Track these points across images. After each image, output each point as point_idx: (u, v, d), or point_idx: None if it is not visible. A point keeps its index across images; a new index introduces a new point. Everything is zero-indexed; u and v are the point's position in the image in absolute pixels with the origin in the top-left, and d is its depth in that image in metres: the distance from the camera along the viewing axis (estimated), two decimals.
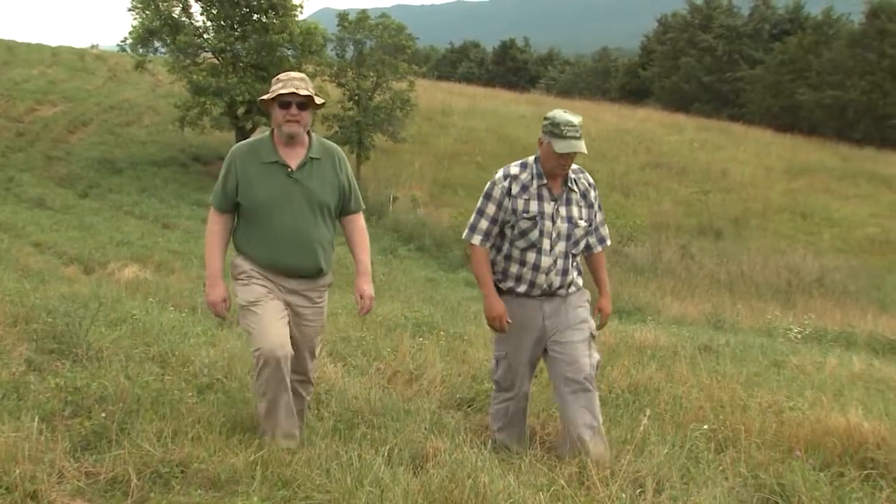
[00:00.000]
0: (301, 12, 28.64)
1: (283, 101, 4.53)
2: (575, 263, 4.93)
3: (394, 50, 30.41)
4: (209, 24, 28.13)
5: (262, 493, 3.87)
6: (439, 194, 28.72)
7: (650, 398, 5.95)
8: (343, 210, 4.82)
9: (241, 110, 27.46)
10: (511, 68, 74.09)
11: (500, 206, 4.81)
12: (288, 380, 4.50)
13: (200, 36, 28.09)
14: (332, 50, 31.24)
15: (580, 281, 4.98)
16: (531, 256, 4.77)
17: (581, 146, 4.66)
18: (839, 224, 31.50)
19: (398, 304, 10.42)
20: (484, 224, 4.86)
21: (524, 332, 4.87)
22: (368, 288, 4.75)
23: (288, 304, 4.64)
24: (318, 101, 4.60)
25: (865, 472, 4.68)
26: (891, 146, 46.14)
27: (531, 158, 4.87)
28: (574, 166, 4.84)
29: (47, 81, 38.31)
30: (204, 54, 28.22)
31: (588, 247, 5.03)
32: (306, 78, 4.65)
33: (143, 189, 24.85)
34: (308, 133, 4.70)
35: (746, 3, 62.40)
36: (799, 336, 11.36)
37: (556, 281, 4.80)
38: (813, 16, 59.09)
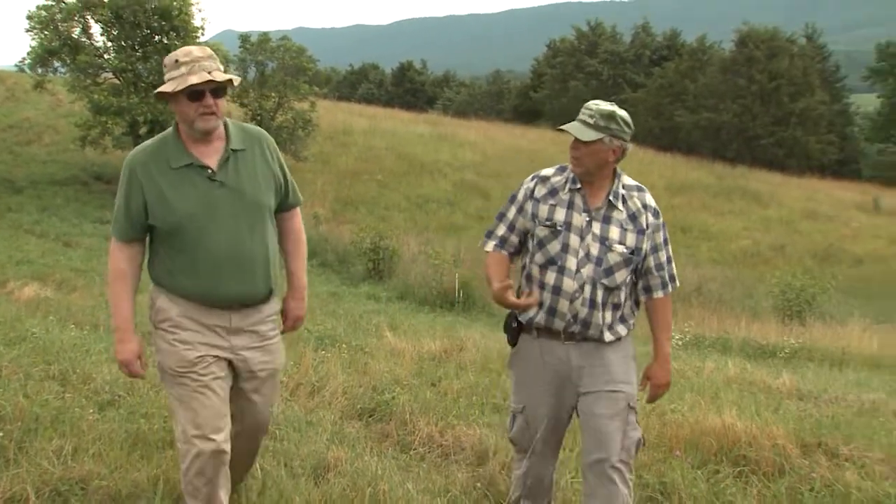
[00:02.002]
0: (202, 34, 28.22)
1: (195, 91, 3.33)
2: (613, 303, 3.76)
3: (295, 71, 30.39)
4: (110, 44, 27.50)
5: None
6: (341, 211, 28.55)
7: None
8: (279, 206, 3.68)
9: (143, 129, 26.85)
10: (409, 89, 74.29)
11: (521, 209, 3.85)
12: (227, 471, 3.55)
13: (101, 56, 27.42)
14: (234, 70, 30.55)
15: (623, 331, 3.80)
16: (551, 276, 3.71)
17: (576, 128, 3.70)
18: (715, 237, 32.32)
19: None
20: (501, 229, 3.91)
21: (543, 381, 3.81)
22: (299, 307, 3.82)
23: (232, 353, 3.53)
24: (235, 80, 3.50)
25: (738, 468, 4.81)
26: (760, 165, 47.64)
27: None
28: (632, 182, 3.87)
29: None
30: (105, 74, 27.52)
31: (647, 289, 3.86)
32: (213, 54, 3.46)
33: (43, 208, 24.11)
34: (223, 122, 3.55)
35: (628, 30, 63.75)
36: (679, 342, 11.48)
37: (584, 312, 3.67)
38: (688, 43, 60.66)
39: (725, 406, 5.82)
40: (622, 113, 3.69)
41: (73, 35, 27.18)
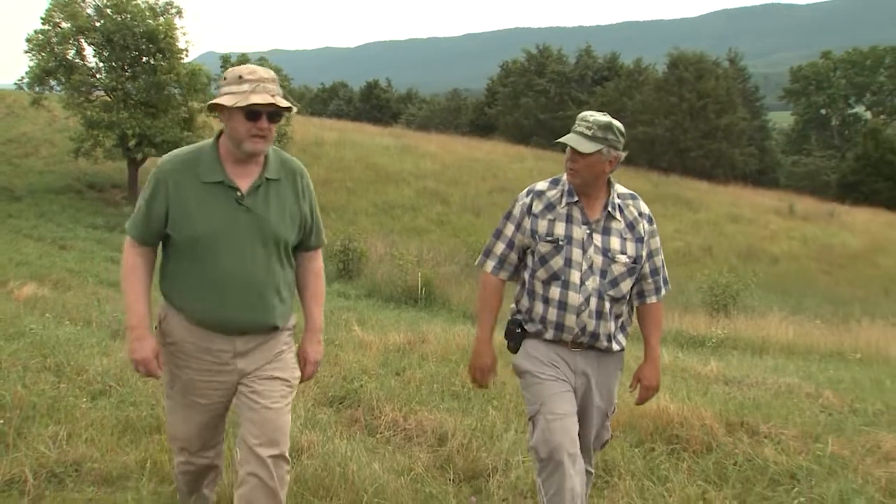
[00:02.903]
0: (186, 55, 28.13)
1: (253, 112, 2.98)
2: (616, 313, 3.51)
3: None
4: (101, 65, 27.44)
5: (151, 488, 3.81)
6: None
7: (497, 391, 5.99)
8: (300, 245, 3.30)
9: (132, 143, 26.76)
10: (375, 105, 73.99)
11: (518, 226, 3.53)
12: (215, 475, 3.50)
13: (93, 76, 27.38)
14: (215, 89, 30.19)
15: (624, 340, 3.59)
16: (555, 292, 3.41)
17: (574, 139, 3.38)
18: None
19: None
20: (499, 248, 3.57)
21: (556, 375, 3.46)
22: (316, 351, 3.37)
23: (238, 376, 3.16)
24: (293, 108, 3.13)
25: (671, 446, 4.86)
26: (691, 174, 48.09)
27: (566, 175, 3.53)
28: (625, 191, 3.57)
29: None
30: (97, 92, 27.45)
31: (641, 294, 3.58)
32: (276, 77, 3.11)
33: (41, 214, 24.00)
34: None
35: (573, 53, 64.03)
36: None
37: (591, 325, 3.40)
38: (626, 65, 61.04)
39: (660, 391, 5.88)
40: (618, 124, 3.46)
41: (68, 56, 27.15)
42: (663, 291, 3.62)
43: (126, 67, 27.26)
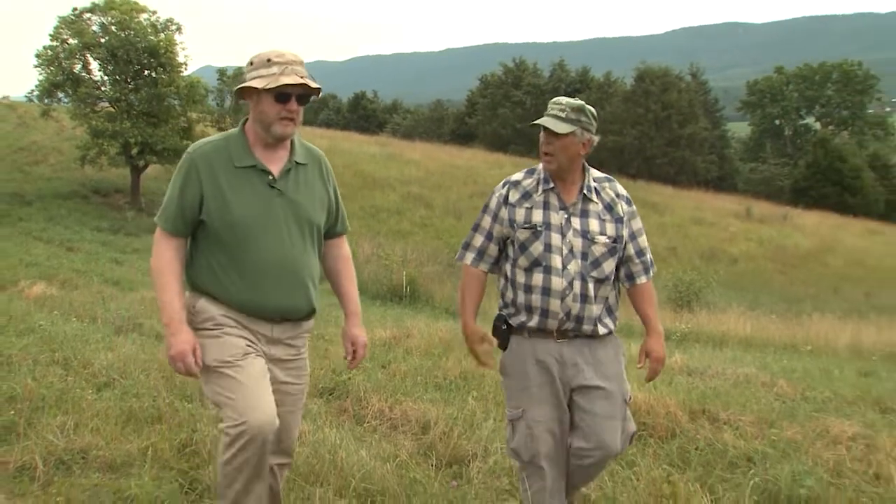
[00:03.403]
0: (185, 69, 28.07)
1: (283, 94, 2.81)
2: (600, 296, 3.28)
3: None
4: (106, 78, 27.35)
5: (152, 474, 3.76)
6: None
7: (477, 382, 6.00)
8: (327, 232, 3.13)
9: (134, 150, 26.73)
10: (363, 115, 73.79)
11: (495, 217, 3.33)
12: (267, 465, 2.95)
13: (98, 88, 27.32)
14: (212, 100, 30.57)
15: (611, 324, 3.34)
16: (538, 278, 3.21)
17: (549, 121, 3.20)
18: None
19: None
20: (478, 240, 3.38)
21: (539, 381, 3.26)
22: (362, 333, 3.15)
23: (267, 361, 2.96)
24: (321, 89, 2.94)
25: (639, 433, 4.85)
26: (657, 180, 48.32)
27: (541, 164, 3.33)
28: (600, 174, 3.37)
29: None
30: (101, 103, 27.36)
31: (630, 276, 3.38)
32: (303, 61, 2.90)
33: (49, 218, 23.83)
34: None
35: (547, 66, 64.15)
36: None
37: (576, 308, 3.20)
38: (597, 78, 61.24)
39: (629, 382, 5.89)
40: (590, 107, 3.27)
41: (75, 70, 27.06)
42: (651, 271, 3.43)
43: (129, 80, 27.20)
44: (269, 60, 2.82)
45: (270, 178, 2.89)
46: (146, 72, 27.21)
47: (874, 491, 4.05)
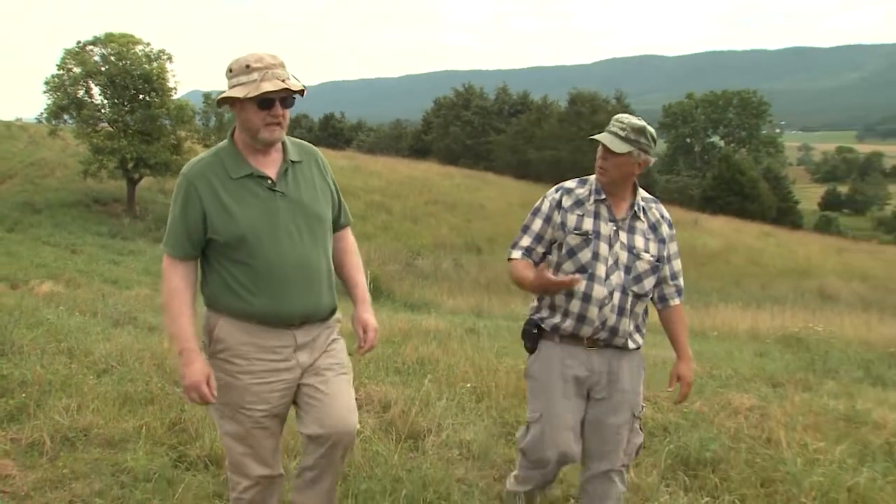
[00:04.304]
0: (175, 93, 28.26)
1: (266, 100, 2.41)
2: (635, 312, 2.96)
3: None
4: (105, 101, 27.53)
5: (146, 449, 3.74)
6: None
7: (432, 367, 5.99)
8: (332, 225, 2.70)
9: (130, 165, 26.80)
10: (332, 133, 73.22)
11: (548, 220, 2.98)
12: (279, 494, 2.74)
13: (99, 111, 27.49)
14: (199, 120, 30.58)
15: (640, 340, 3.03)
16: (581, 283, 2.88)
17: (608, 138, 2.89)
18: None
19: None
20: (526, 241, 3.00)
21: (563, 388, 2.94)
22: (373, 318, 2.76)
23: (299, 369, 2.56)
24: (304, 90, 2.52)
25: None
26: None
27: (593, 175, 3.04)
28: (647, 195, 3.06)
29: None
30: (102, 124, 27.48)
31: (663, 298, 3.05)
32: (283, 62, 2.46)
33: (56, 224, 23.74)
34: None
35: (492, 91, 64.33)
36: None
37: (612, 319, 2.89)
38: (535, 101, 61.60)
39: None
40: (651, 129, 2.94)
41: (79, 95, 27.31)
42: (682, 294, 3.11)
43: (126, 104, 27.36)
44: (247, 66, 2.42)
45: (269, 182, 2.50)
46: (141, 96, 27.42)
47: (766, 452, 4.16)
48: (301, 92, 2.48)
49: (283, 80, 2.40)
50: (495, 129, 58.42)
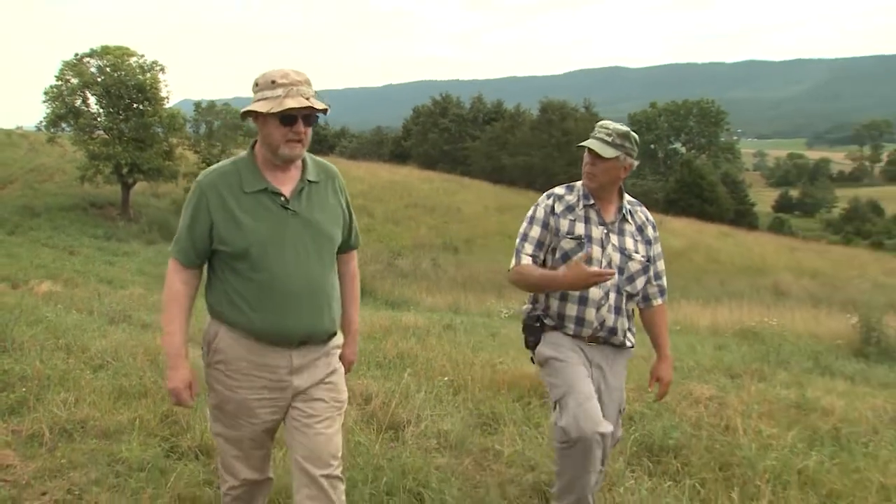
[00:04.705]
0: (167, 102, 28.15)
1: (289, 116, 2.29)
2: (629, 310, 2.97)
3: (234, 127, 29.84)
4: (101, 110, 27.41)
5: (140, 440, 3.74)
6: None
7: (411, 361, 6.00)
8: (340, 246, 2.54)
9: (124, 170, 26.71)
10: (316, 139, 72.56)
11: (545, 226, 2.92)
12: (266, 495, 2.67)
13: (95, 119, 27.31)
14: (190, 127, 30.55)
15: (633, 338, 3.02)
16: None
17: (596, 144, 2.84)
18: None
19: None
20: (529, 248, 2.91)
21: (581, 361, 2.87)
22: (353, 353, 2.67)
23: (292, 392, 2.42)
24: (328, 109, 2.37)
25: (542, 400, 4.92)
26: None
27: (579, 182, 3.01)
28: (632, 199, 3.03)
29: None
30: (98, 132, 27.33)
31: (646, 298, 3.03)
32: (309, 79, 2.35)
33: (55, 227, 23.50)
34: None
35: (468, 99, 64.33)
36: (506, 315, 11.56)
37: (610, 319, 2.87)
38: (509, 109, 61.73)
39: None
40: (634, 134, 2.91)
41: (76, 104, 27.22)
42: (666, 294, 3.07)
43: (120, 112, 27.25)
44: (273, 82, 2.30)
45: (283, 199, 2.36)
46: (135, 105, 27.36)
47: (724, 439, 4.21)
48: (325, 110, 2.33)
49: (307, 98, 2.29)
50: (471, 136, 58.46)
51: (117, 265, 17.62)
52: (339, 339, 2.55)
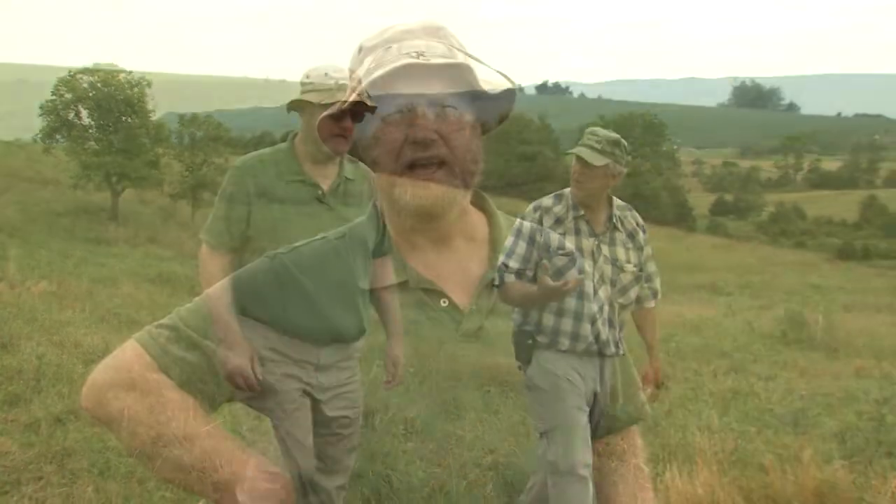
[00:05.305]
0: (153, 115, 28.29)
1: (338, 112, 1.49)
2: (622, 321, 2.60)
3: (215, 137, 29.99)
4: (93, 123, 27.64)
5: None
6: None
7: (379, 353, 5.98)
8: (373, 251, 1.69)
9: (114, 179, 26.74)
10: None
11: (532, 242, 1.83)
12: None
13: (87, 131, 27.57)
14: (174, 138, 30.53)
15: (623, 346, 2.24)
16: (570, 302, 1.79)
17: (586, 152, 2.60)
18: None
19: None
20: (514, 264, 1.85)
21: (573, 386, 1.89)
22: (402, 355, 1.90)
23: (315, 391, 1.35)
24: (372, 105, 1.97)
25: (501, 388, 4.96)
26: (517, 198, 49.24)
27: (567, 190, 2.74)
28: (621, 203, 2.78)
29: None
30: (89, 143, 27.47)
31: (638, 300, 2.77)
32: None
33: (49, 231, 23.09)
34: None
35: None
36: None
37: (605, 333, 1.85)
38: None
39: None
40: (624, 141, 2.70)
41: (69, 118, 27.38)
42: (659, 296, 2.85)
43: (110, 125, 27.35)
44: (326, 74, 2.14)
45: (320, 192, 2.21)
46: (123, 118, 27.44)
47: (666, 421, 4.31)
48: (372, 109, 2.16)
49: (358, 95, 2.08)
50: None
51: (107, 266, 17.46)
52: (363, 343, 2.23)
